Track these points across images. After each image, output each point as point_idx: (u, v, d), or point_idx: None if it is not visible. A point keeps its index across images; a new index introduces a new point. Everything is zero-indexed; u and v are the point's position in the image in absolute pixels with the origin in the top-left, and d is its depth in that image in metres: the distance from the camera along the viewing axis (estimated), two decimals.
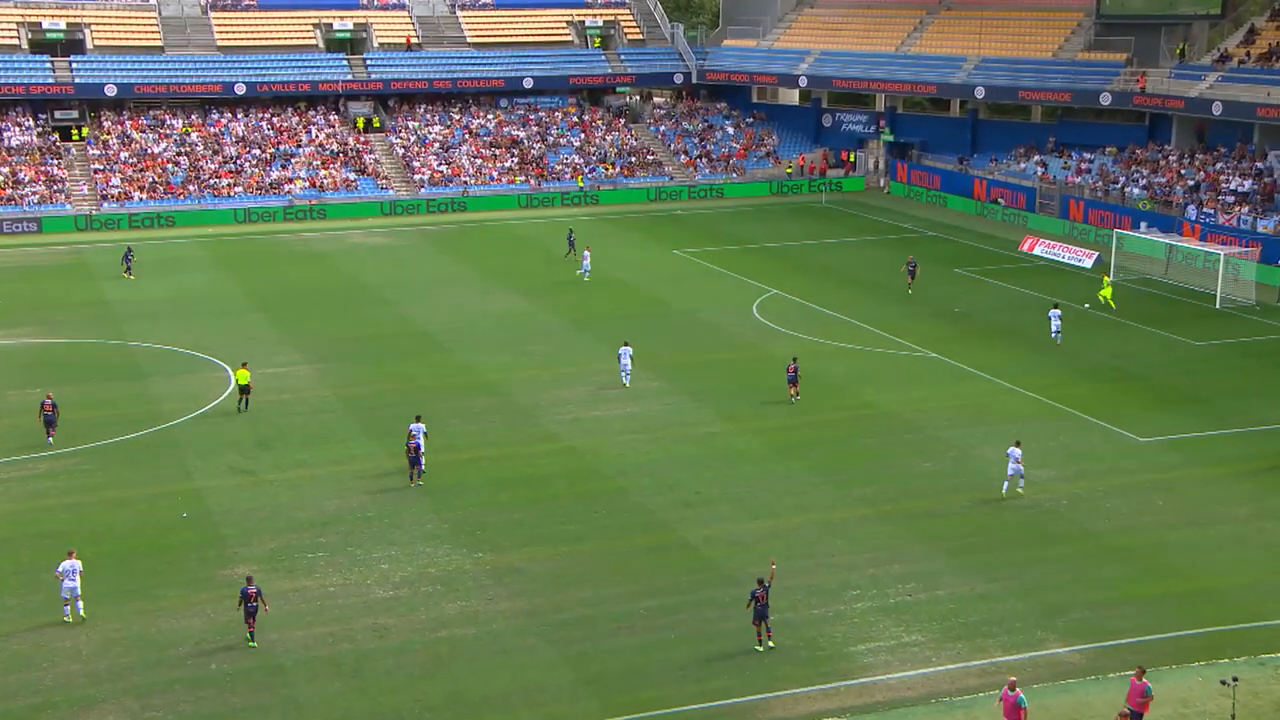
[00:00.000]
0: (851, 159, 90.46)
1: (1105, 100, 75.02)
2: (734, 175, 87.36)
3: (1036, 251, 66.35)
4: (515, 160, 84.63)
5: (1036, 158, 78.89)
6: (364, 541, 30.74)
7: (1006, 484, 33.71)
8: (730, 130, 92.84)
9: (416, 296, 56.23)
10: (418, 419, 35.87)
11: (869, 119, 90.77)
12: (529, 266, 62.63)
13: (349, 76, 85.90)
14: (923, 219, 76.78)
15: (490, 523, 31.92)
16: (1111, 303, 54.15)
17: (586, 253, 60.34)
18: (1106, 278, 57.51)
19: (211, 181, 77.18)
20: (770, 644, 25.93)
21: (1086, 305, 53.59)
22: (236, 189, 77.17)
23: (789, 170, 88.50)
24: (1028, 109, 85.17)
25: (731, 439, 38.07)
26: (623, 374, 42.85)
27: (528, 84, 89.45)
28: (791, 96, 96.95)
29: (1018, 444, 34.03)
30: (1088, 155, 76.86)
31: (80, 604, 27.05)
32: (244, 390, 40.53)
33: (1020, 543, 30.90)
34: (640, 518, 32.36)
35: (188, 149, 79.90)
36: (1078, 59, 79.60)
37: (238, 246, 68.16)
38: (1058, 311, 48.90)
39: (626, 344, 43.69)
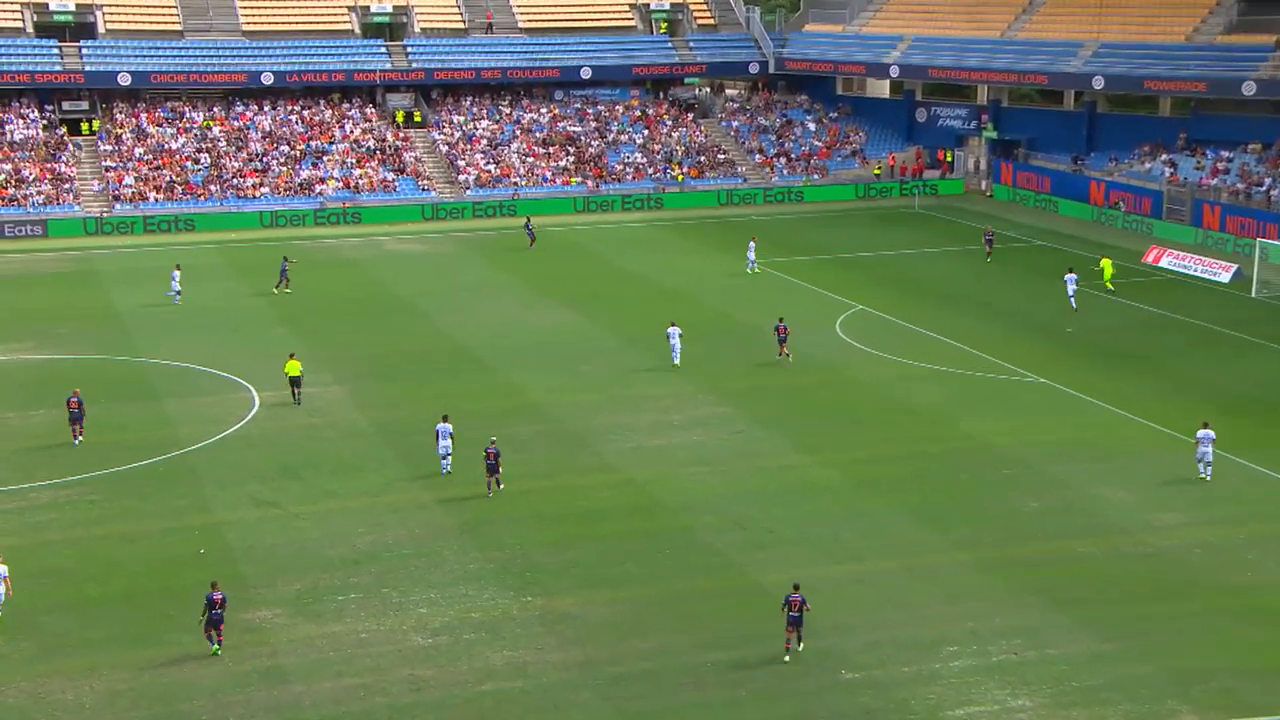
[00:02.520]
0: (949, 159, 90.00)
1: (1249, 90, 73.80)
2: (815, 177, 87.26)
3: (1163, 264, 65.51)
4: (571, 159, 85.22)
5: (1164, 156, 77.94)
6: (400, 582, 30.99)
7: (1202, 468, 36.71)
8: (811, 126, 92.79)
9: (459, 309, 56.71)
10: (445, 418, 37.24)
11: (969, 113, 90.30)
12: (584, 277, 62.95)
13: (388, 65, 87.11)
14: (1030, 226, 76.08)
15: (540, 563, 32.04)
16: (1109, 284, 53.97)
17: (752, 243, 63.70)
18: (1106, 260, 57.65)
19: (235, 181, 78.54)
20: (800, 649, 27.59)
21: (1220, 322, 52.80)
22: (262, 190, 78.46)
23: (877, 171, 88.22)
24: (1154, 101, 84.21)
25: (809, 472, 37.94)
26: (673, 353, 46.94)
27: (586, 74, 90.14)
28: (881, 88, 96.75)
29: (1205, 424, 36.79)
30: (1225, 153, 75.77)
31: None
32: (294, 383, 43.31)
33: (1144, 596, 30.42)
34: (707, 559, 32.31)
35: (209, 145, 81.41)
36: (1216, 42, 78.52)
37: (263, 253, 69.13)
38: (1073, 276, 55.14)
39: (674, 324, 47.63)
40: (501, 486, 36.32)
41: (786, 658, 27.59)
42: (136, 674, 27.10)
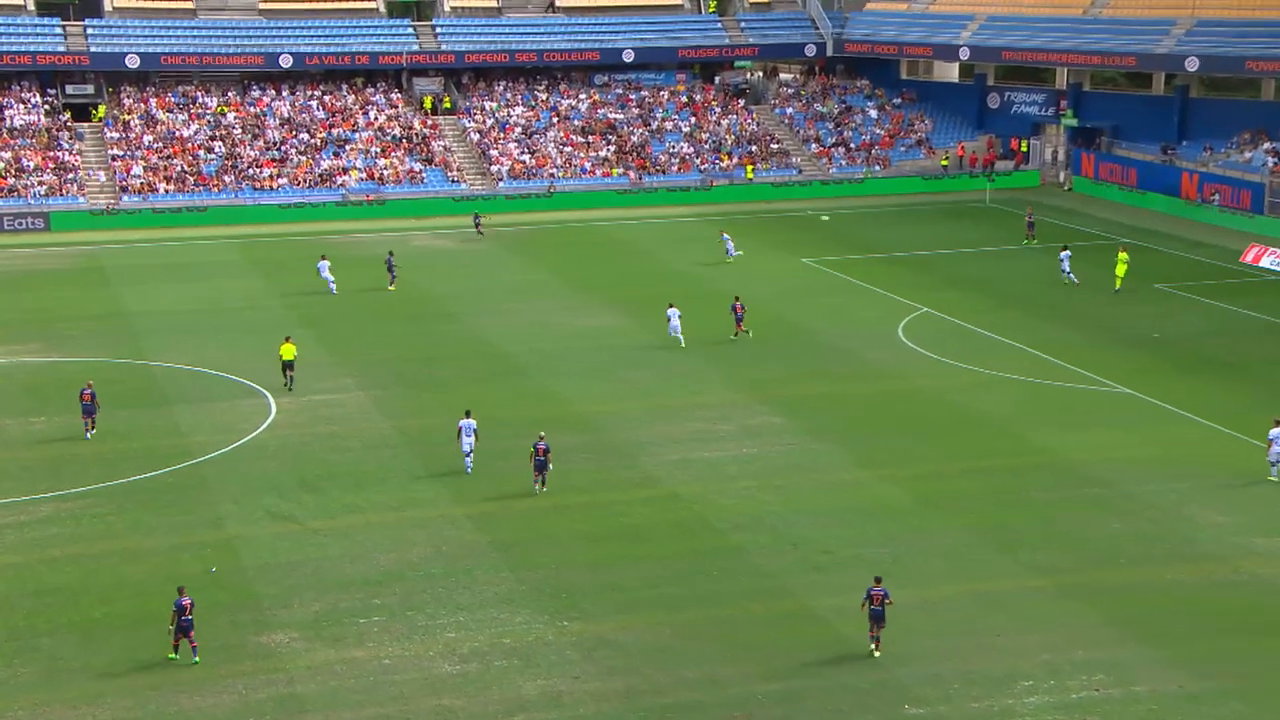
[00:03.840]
0: (1024, 148, 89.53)
1: None
2: (877, 168, 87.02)
3: (1264, 264, 64.87)
4: (612, 149, 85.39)
5: (1266, 145, 77.08)
6: (427, 604, 31.10)
7: (1275, 471, 37.51)
8: (873, 113, 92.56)
9: (491, 310, 56.93)
10: (467, 414, 38.41)
11: (1047, 99, 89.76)
12: (626, 276, 63.01)
13: (415, 47, 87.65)
14: (1113, 222, 75.49)
15: (577, 584, 32.07)
16: (1118, 282, 55.44)
17: (726, 235, 65.48)
18: (1122, 253, 58.06)
19: (251, 172, 79.22)
20: (877, 655, 28.38)
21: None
22: (280, 181, 79.10)
23: (945, 162, 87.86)
24: (1256, 83, 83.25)
25: (870, 488, 37.80)
26: (673, 333, 50.31)
27: (628, 57, 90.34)
28: (950, 72, 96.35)
29: (1278, 422, 37.20)
30: None
31: None
32: (288, 366, 44.96)
33: (1242, 628, 30.08)
34: (758, 582, 32.25)
35: (223, 132, 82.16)
36: None
37: (280, 249, 69.70)
38: (1068, 253, 58.75)
39: (673, 305, 50.74)
40: (545, 488, 36.84)
41: (877, 653, 28.47)
42: (143, 702, 27.29)
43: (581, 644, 29.40)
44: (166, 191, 77.04)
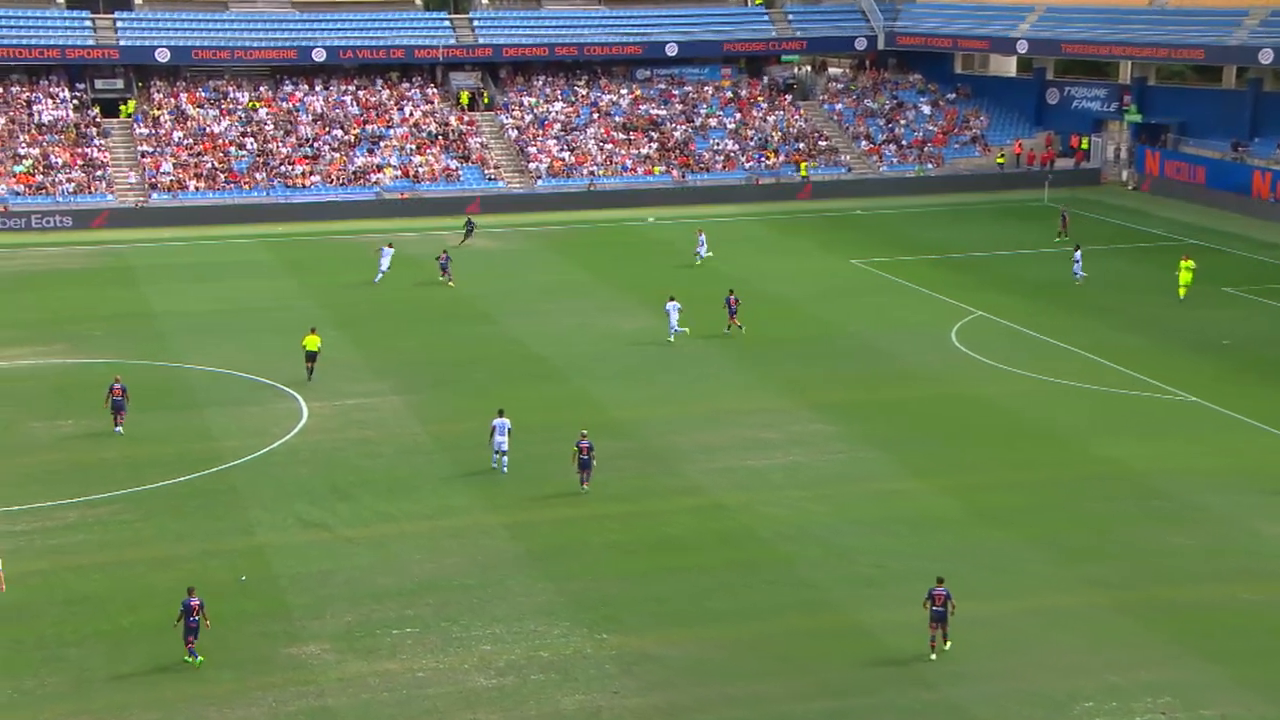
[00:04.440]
0: (1085, 146, 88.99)
1: None
2: (930, 166, 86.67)
3: None
4: (654, 146, 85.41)
5: None
6: (462, 616, 31.15)
7: None
8: (926, 109, 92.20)
9: (529, 312, 57.04)
10: (501, 413, 39.08)
11: (1109, 94, 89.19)
12: (667, 277, 62.97)
13: (452, 40, 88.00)
14: (1180, 223, 74.87)
15: (617, 596, 32.05)
16: (1182, 291, 55.47)
17: (702, 236, 65.40)
18: (1186, 260, 57.70)
19: (283, 169, 79.72)
20: (945, 648, 28.79)
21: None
22: (313, 178, 79.55)
23: (1001, 160, 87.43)
24: None
25: (923, 499, 37.62)
26: (671, 330, 51.21)
27: (671, 51, 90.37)
28: (1007, 66, 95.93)
29: None
30: None
31: None
32: (310, 358, 46.47)
33: None
34: (806, 595, 32.14)
35: (255, 128, 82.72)
36: None
37: (313, 249, 70.09)
38: (1080, 254, 59.96)
39: (673, 299, 51.94)
40: (588, 487, 37.47)
41: (933, 656, 28.79)
42: (171, 714, 27.42)
43: (621, 658, 29.35)
44: (197, 189, 77.61)
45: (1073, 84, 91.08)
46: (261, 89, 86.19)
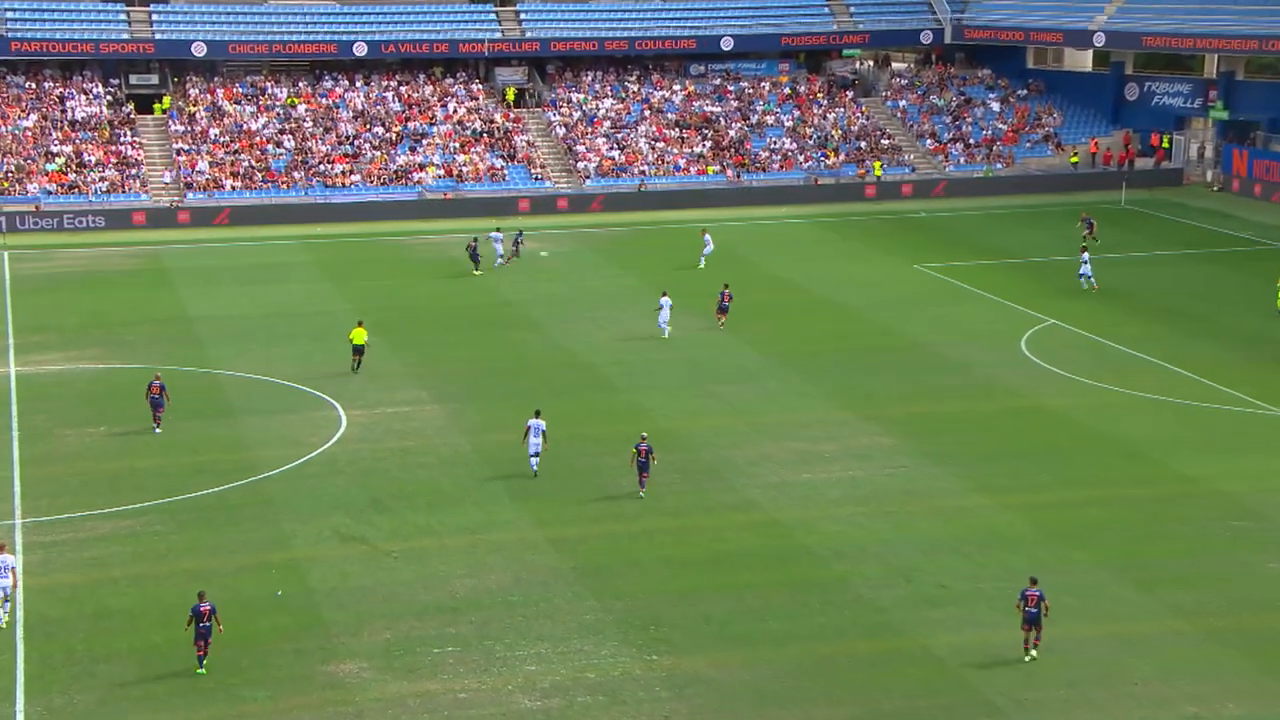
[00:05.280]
0: (1166, 144, 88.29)
1: None
2: (1000, 166, 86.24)
3: None
4: (708, 145, 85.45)
5: None
6: (505, 634, 31.25)
7: None
8: (995, 106, 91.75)
9: (576, 318, 57.19)
10: (537, 413, 40.01)
11: (1193, 89, 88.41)
12: (720, 284, 62.90)
13: (497, 34, 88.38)
14: (1269, 226, 74.13)
15: (667, 616, 32.07)
16: None
17: (707, 236, 65.74)
18: None
19: (322, 168, 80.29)
20: (1034, 654, 29.60)
21: None
22: (354, 177, 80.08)
23: (1075, 160, 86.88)
24: None
25: (990, 516, 37.43)
26: (661, 326, 53.10)
27: (726, 45, 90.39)
28: (1082, 60, 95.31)
29: None
30: None
31: (5, 608, 30.86)
32: (357, 351, 48.85)
33: None
34: (866, 616, 32.06)
35: (293, 125, 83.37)
36: None
37: (353, 250, 70.50)
38: (1087, 256, 60.77)
39: (665, 294, 53.82)
40: (644, 492, 38.20)
41: (1027, 658, 29.68)
42: None
43: (672, 680, 29.36)
44: (233, 189, 78.30)
45: (1153, 79, 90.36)
46: (300, 85, 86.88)
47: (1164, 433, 43.73)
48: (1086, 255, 61.67)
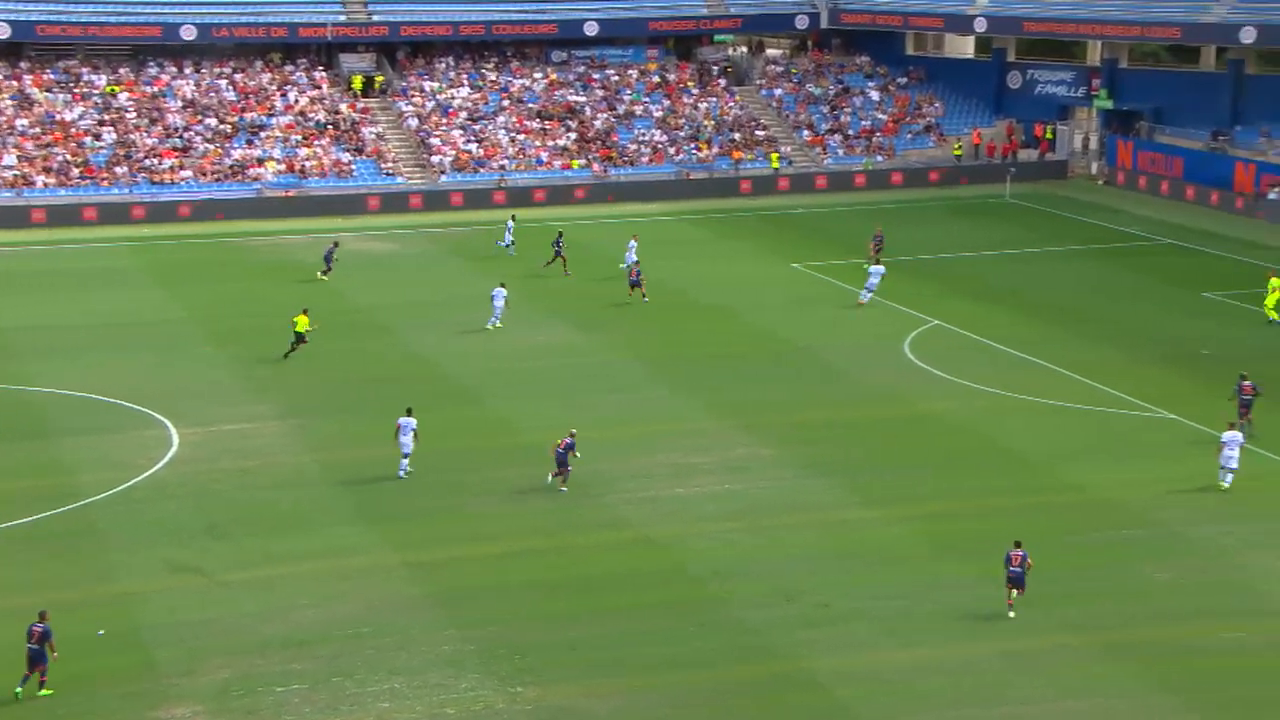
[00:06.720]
0: (1049, 135, 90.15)
1: None
2: (879, 158, 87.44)
3: None
4: (572, 137, 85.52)
5: None
6: (356, 669, 30.91)
7: (1225, 476, 39.97)
8: (875, 95, 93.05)
9: (433, 325, 56.85)
10: (409, 412, 40.64)
11: (1076, 78, 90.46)
12: (588, 286, 63.02)
13: (342, 18, 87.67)
14: (1155, 220, 75.98)
15: (532, 644, 31.98)
16: (1273, 313, 55.77)
17: (510, 223, 68.45)
18: (1276, 279, 57.32)
19: (148, 163, 78.99)
20: (1012, 614, 32.55)
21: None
22: (184, 173, 78.89)
23: (958, 152, 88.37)
24: None
25: (873, 530, 37.85)
26: (493, 317, 54.69)
27: (590, 30, 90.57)
28: (964, 47, 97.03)
29: (1232, 425, 40.20)
30: None
31: None
32: (298, 339, 50.77)
33: None
34: (744, 639, 32.21)
35: (114, 116, 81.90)
36: None
37: (185, 253, 69.45)
38: (879, 269, 59.73)
39: (502, 285, 55.80)
40: (565, 487, 39.84)
41: (1011, 614, 32.50)
42: None
43: (538, 713, 29.26)
44: (46, 185, 76.65)
45: (1036, 66, 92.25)
46: (122, 71, 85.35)
47: (1051, 438, 44.52)
48: (875, 269, 60.23)
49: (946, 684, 30.25)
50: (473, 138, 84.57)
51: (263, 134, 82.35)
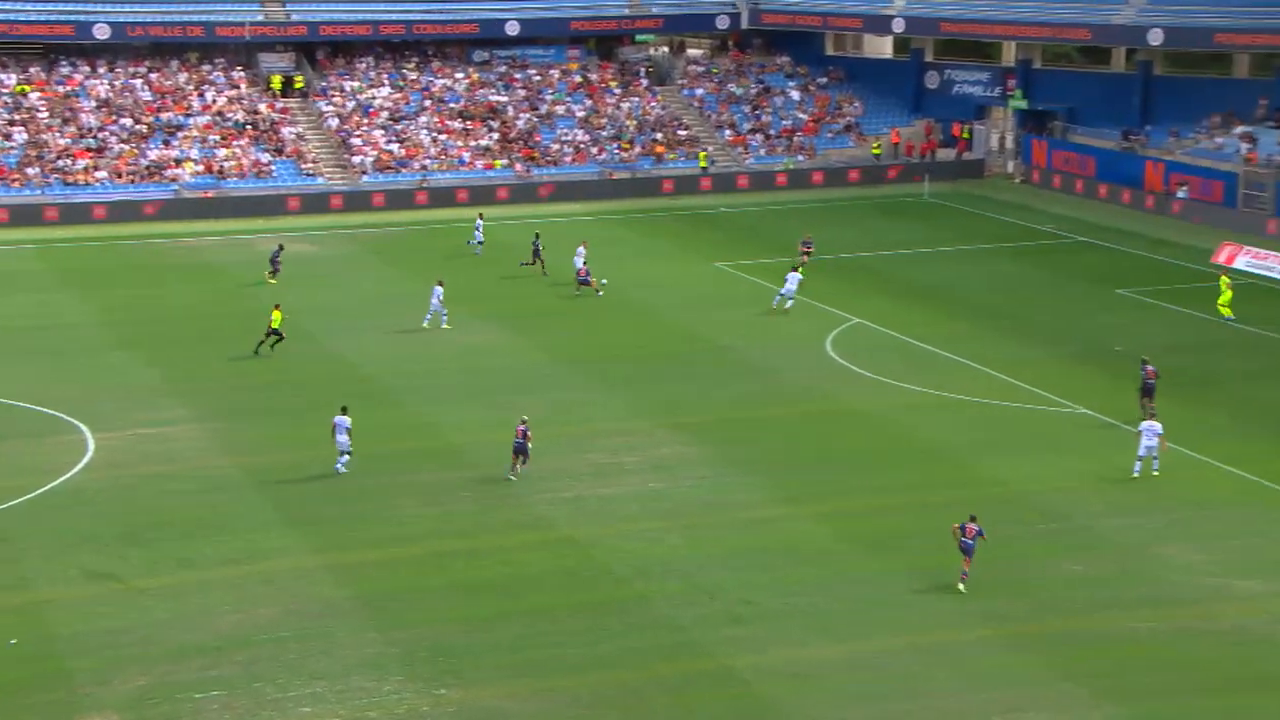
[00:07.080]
0: (966, 134, 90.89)
1: None
2: (800, 158, 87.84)
3: (1238, 265, 66.19)
4: (495, 137, 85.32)
5: (1239, 129, 78.88)
6: (276, 674, 30.67)
7: (1138, 465, 40.39)
8: (795, 95, 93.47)
9: (353, 327, 56.57)
10: (344, 410, 40.91)
11: (992, 78, 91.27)
12: (511, 286, 62.90)
13: (260, 17, 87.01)
14: (1069, 219, 76.82)
15: (456, 646, 31.87)
16: (1227, 310, 56.30)
17: (480, 221, 68.59)
18: (1225, 278, 58.18)
19: (60, 164, 78.04)
20: (962, 588, 33.68)
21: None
22: (98, 174, 78.01)
23: (877, 151, 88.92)
24: (1227, 59, 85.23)
25: (796, 527, 38.02)
26: (428, 315, 54.94)
27: (512, 29, 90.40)
28: (882, 46, 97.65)
29: (1151, 416, 41.37)
30: None
31: None
32: (272, 334, 51.25)
33: (1222, 684, 30.50)
34: (668, 637, 32.25)
35: (25, 116, 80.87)
36: None
37: (99, 256, 68.69)
38: (796, 275, 58.50)
39: (441, 283, 55.49)
40: (523, 468, 40.62)
41: (961, 586, 33.77)
42: None
43: (462, 715, 29.17)
44: None
45: (953, 67, 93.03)
46: (32, 70, 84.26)
47: (970, 434, 44.91)
48: (796, 275, 58.73)
49: (868, 678, 30.45)
50: (394, 138, 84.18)
51: (180, 134, 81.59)
